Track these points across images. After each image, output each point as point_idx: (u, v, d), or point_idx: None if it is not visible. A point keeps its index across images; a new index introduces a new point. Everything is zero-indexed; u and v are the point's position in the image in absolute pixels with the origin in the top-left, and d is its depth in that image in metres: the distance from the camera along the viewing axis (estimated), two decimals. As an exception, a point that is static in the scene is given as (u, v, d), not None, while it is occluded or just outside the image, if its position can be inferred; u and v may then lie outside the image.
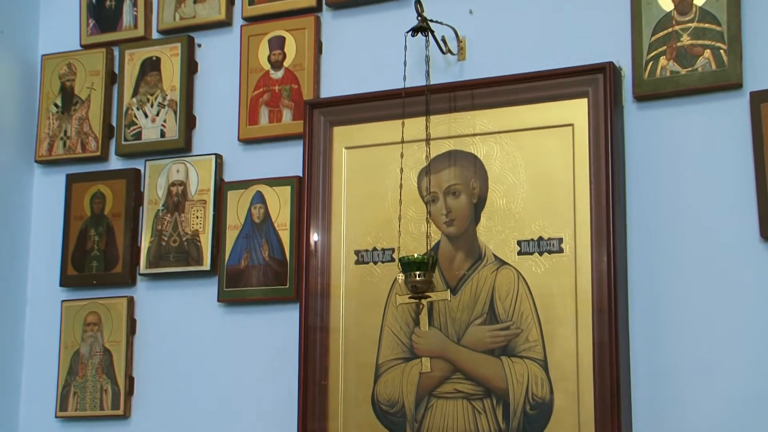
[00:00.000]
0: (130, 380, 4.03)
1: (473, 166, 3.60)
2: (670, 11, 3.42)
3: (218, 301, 3.94)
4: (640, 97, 3.43)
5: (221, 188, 4.01)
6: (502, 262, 3.49)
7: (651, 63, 3.42)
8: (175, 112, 4.13)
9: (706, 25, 3.37)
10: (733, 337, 3.20)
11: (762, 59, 3.30)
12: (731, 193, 3.28)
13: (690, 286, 3.28)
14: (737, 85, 3.30)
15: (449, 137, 3.63)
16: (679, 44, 3.39)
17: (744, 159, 3.27)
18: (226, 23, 4.14)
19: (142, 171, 4.16)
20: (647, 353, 3.30)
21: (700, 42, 3.37)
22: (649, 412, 3.27)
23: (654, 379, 3.28)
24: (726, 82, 3.31)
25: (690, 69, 3.36)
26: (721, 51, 3.33)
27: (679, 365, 3.25)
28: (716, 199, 3.30)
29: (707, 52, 3.35)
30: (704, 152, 3.34)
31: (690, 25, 3.39)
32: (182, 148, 4.11)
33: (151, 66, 4.20)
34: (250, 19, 4.08)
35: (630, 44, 3.46)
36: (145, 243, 4.08)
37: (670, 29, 3.42)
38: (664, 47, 3.41)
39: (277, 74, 3.99)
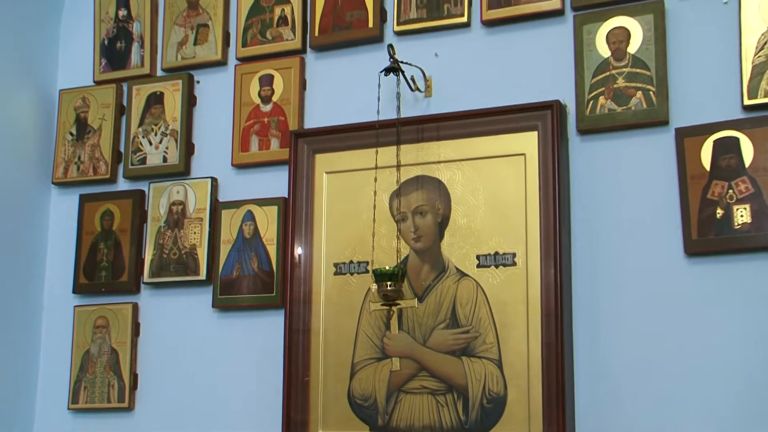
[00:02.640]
0: (134, 377, 4.03)
1: (438, 189, 3.61)
2: (608, 57, 3.46)
3: (213, 307, 3.93)
4: (583, 131, 3.46)
5: (216, 207, 4.00)
6: (463, 274, 3.51)
7: (591, 102, 3.45)
8: (176, 140, 4.13)
9: (638, 70, 3.41)
10: (662, 339, 3.25)
11: (685, 100, 3.36)
12: (660, 215, 3.32)
13: (625, 294, 3.33)
14: (664, 122, 3.35)
15: (417, 164, 3.64)
16: (615, 86, 3.43)
17: (670, 185, 3.32)
18: (222, 63, 4.14)
19: (147, 192, 4.15)
20: (589, 354, 3.34)
21: (633, 84, 3.41)
22: (590, 404, 3.31)
23: (594, 376, 3.32)
24: (655, 119, 3.36)
25: (624, 107, 3.40)
26: (651, 92, 3.38)
27: (616, 364, 3.30)
28: (647, 220, 3.34)
29: (639, 93, 3.39)
30: (637, 179, 3.38)
31: (624, 69, 3.43)
32: (182, 172, 4.11)
33: (156, 100, 4.20)
34: (243, 60, 4.09)
35: (574, 85, 3.50)
36: (148, 255, 4.08)
37: (607, 73, 3.45)
38: (603, 88, 3.44)
39: (266, 108, 4.00)
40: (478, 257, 3.51)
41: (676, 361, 3.23)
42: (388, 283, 3.26)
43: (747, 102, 3.26)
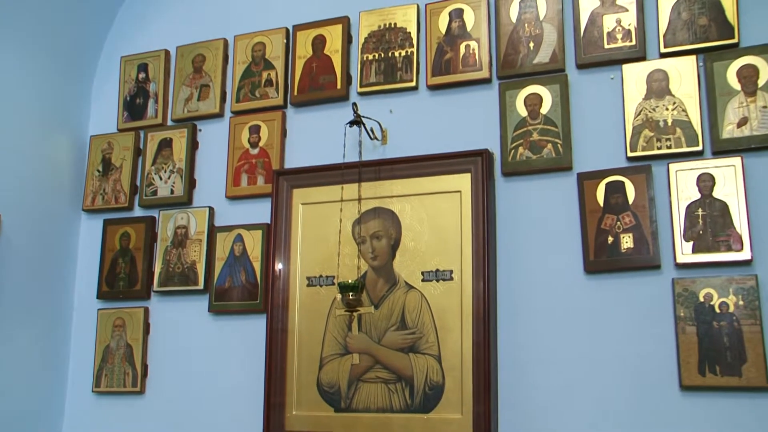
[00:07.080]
0: (145, 367, 4.03)
1: (391, 218, 3.63)
2: (525, 116, 3.52)
3: (209, 311, 3.93)
4: (506, 174, 3.50)
5: (212, 231, 4.01)
6: (411, 287, 3.53)
7: (513, 151, 3.49)
8: (181, 177, 4.14)
9: (548, 127, 3.47)
10: (566, 338, 3.31)
11: (585, 151, 3.43)
12: (565, 241, 3.38)
13: (538, 303, 3.38)
14: (569, 168, 3.42)
15: (375, 198, 3.66)
16: (531, 139, 3.48)
17: (573, 217, 3.39)
18: (219, 115, 4.15)
19: (157, 218, 4.16)
20: (509, 350, 3.38)
21: (544, 138, 3.47)
22: (510, 391, 3.35)
23: (514, 369, 3.36)
24: (562, 165, 3.42)
25: (538, 156, 3.45)
26: (558, 144, 3.44)
27: (530, 358, 3.34)
28: (555, 245, 3.40)
29: (549, 145, 3.45)
30: (548, 213, 3.43)
31: (538, 126, 3.49)
32: (185, 202, 4.11)
33: (166, 144, 4.21)
34: (237, 113, 4.10)
35: (499, 137, 3.54)
36: (157, 269, 4.09)
37: (525, 128, 3.50)
38: (522, 140, 3.49)
39: (254, 151, 4.01)
40: (422, 273, 3.53)
41: (576, 356, 3.29)
42: (350, 293, 3.29)
43: (629, 154, 3.35)
